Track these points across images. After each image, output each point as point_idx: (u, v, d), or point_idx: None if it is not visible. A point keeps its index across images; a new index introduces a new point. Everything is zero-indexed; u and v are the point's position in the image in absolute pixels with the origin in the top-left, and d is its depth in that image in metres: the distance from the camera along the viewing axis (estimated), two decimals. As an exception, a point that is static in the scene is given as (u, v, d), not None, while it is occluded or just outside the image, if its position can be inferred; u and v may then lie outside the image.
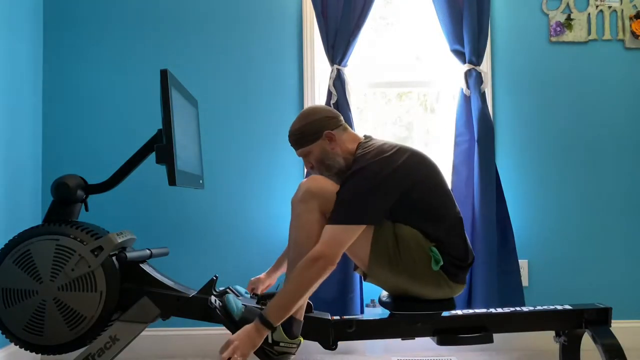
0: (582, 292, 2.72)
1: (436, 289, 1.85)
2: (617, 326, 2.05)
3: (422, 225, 1.84)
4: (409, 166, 1.84)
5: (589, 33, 2.81)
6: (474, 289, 2.57)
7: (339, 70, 2.69)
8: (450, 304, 1.89)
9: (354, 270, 2.04)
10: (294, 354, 1.81)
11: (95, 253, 1.80)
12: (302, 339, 1.84)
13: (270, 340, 1.78)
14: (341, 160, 1.93)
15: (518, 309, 2.01)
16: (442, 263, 1.81)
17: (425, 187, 1.85)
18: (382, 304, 1.98)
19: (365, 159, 1.84)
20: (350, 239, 1.78)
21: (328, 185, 1.84)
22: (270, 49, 2.81)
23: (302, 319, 1.85)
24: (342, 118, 1.99)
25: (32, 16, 2.69)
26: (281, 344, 1.78)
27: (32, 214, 2.65)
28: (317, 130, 1.92)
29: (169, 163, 1.81)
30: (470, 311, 1.98)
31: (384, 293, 2.00)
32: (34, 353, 1.86)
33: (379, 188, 1.79)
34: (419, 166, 1.87)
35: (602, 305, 1.97)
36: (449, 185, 2.70)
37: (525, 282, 2.69)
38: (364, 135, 2.01)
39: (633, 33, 2.79)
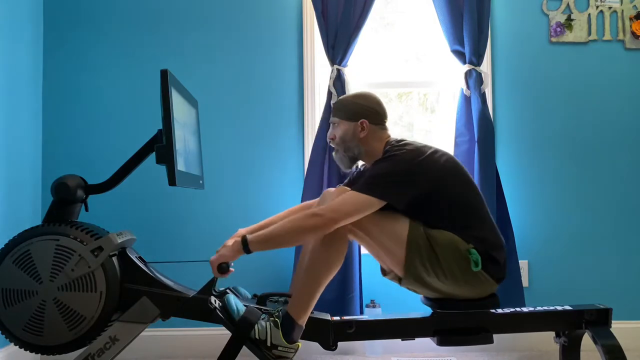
0: (582, 292, 2.72)
1: (476, 288, 1.86)
2: (617, 327, 2.04)
3: (465, 222, 1.86)
4: (442, 162, 1.89)
5: (589, 33, 2.81)
6: (474, 290, 2.57)
7: (339, 70, 2.69)
8: (495, 301, 1.92)
9: (383, 275, 2.04)
10: (291, 359, 1.81)
11: (95, 253, 1.80)
12: (300, 344, 1.83)
13: (268, 344, 1.78)
14: (361, 149, 2.00)
15: (518, 309, 2.01)
16: (480, 265, 1.81)
17: (464, 184, 1.90)
18: (425, 303, 1.99)
19: (399, 147, 1.90)
20: (359, 210, 1.80)
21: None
22: (270, 49, 2.80)
23: (304, 325, 1.84)
24: (386, 120, 2.05)
25: (32, 16, 2.69)
26: (279, 348, 1.78)
27: (32, 214, 2.65)
28: (357, 113, 1.99)
29: (169, 163, 1.81)
30: (470, 311, 1.98)
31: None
32: (33, 353, 1.86)
33: (407, 174, 1.83)
34: (455, 165, 1.92)
35: (602, 306, 1.97)
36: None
37: (525, 282, 2.69)
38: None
39: (633, 33, 2.79)
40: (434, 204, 1.86)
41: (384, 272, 2.01)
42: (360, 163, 2.17)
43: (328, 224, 1.78)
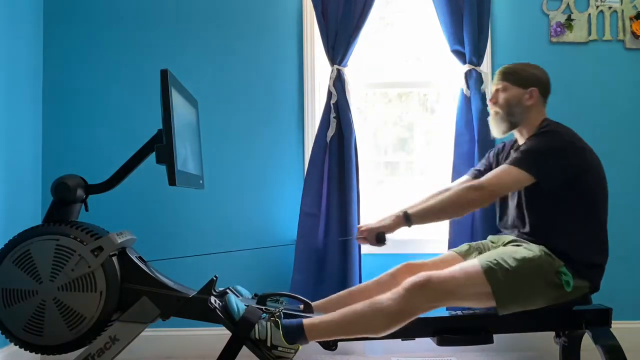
0: (582, 292, 2.71)
1: (571, 295, 1.87)
2: (617, 327, 2.04)
3: (582, 216, 1.90)
4: (590, 151, 1.97)
5: (590, 33, 2.81)
6: (474, 290, 2.57)
7: (339, 71, 2.69)
8: (586, 300, 1.93)
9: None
10: (291, 359, 1.81)
11: (95, 253, 1.80)
12: (300, 345, 1.83)
13: (269, 344, 1.77)
14: (524, 116, 2.04)
15: (518, 309, 2.01)
16: (572, 285, 1.82)
17: (600, 178, 1.95)
18: None
19: (559, 125, 1.96)
20: (513, 184, 1.89)
21: (435, 285, 1.81)
22: (270, 49, 2.80)
23: (310, 342, 1.84)
24: (547, 98, 2.10)
25: (32, 15, 2.69)
26: (279, 349, 1.78)
27: (32, 214, 2.65)
28: (530, 81, 2.04)
29: (169, 163, 1.81)
30: (470, 312, 1.98)
31: None
32: (33, 353, 1.86)
33: (564, 155, 1.88)
34: (597, 159, 1.98)
35: (602, 306, 1.96)
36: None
37: (525, 282, 2.69)
38: None
39: (633, 33, 2.79)
40: (578, 189, 1.89)
41: None
42: (493, 151, 2.25)
43: (488, 198, 1.88)
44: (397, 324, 1.80)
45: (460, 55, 2.71)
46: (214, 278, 1.92)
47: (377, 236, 1.95)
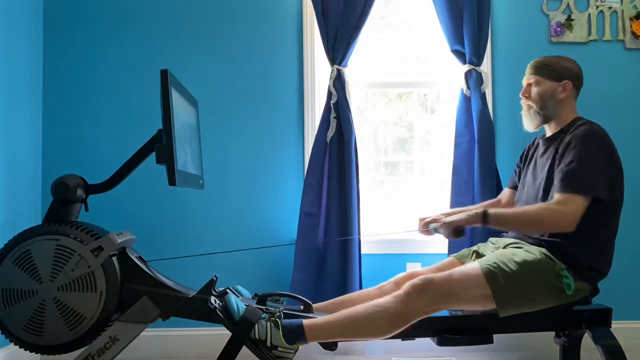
0: (582, 292, 2.71)
1: (572, 297, 1.87)
2: (617, 327, 2.04)
3: (603, 218, 1.91)
4: (619, 160, 1.96)
5: (590, 33, 2.81)
6: (474, 290, 2.57)
7: (339, 71, 2.69)
8: (585, 302, 1.93)
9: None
10: (290, 359, 1.81)
11: (95, 253, 1.80)
12: (300, 345, 1.83)
13: (268, 344, 1.77)
14: (557, 110, 2.02)
15: (518, 309, 2.01)
16: (573, 288, 1.82)
17: (622, 188, 1.98)
18: None
19: (597, 128, 1.93)
20: (583, 209, 1.83)
21: (437, 287, 1.81)
22: (270, 49, 2.80)
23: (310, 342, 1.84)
24: (580, 91, 2.08)
25: (32, 16, 2.69)
26: (279, 349, 1.78)
27: (32, 214, 2.65)
28: (563, 74, 2.02)
29: (169, 163, 1.81)
30: (470, 312, 1.98)
31: None
32: (33, 353, 1.86)
33: (610, 164, 1.89)
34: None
35: (602, 306, 1.96)
36: (449, 185, 2.70)
37: (525, 282, 2.69)
38: None
39: (633, 33, 2.79)
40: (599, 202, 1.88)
41: None
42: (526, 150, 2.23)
43: (570, 226, 1.82)
44: (398, 327, 1.80)
45: (460, 55, 2.71)
46: (214, 278, 1.92)
47: (456, 229, 1.93)
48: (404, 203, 2.90)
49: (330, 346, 1.92)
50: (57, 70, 2.78)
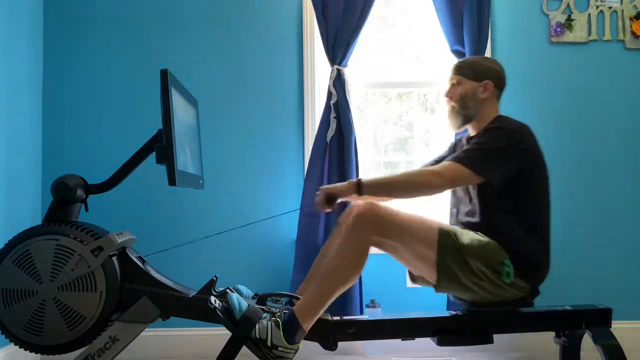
0: (582, 292, 2.72)
1: (509, 292, 1.88)
2: (618, 327, 2.04)
3: (524, 214, 1.89)
4: (537, 154, 1.93)
5: (590, 33, 2.81)
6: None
7: (339, 70, 2.69)
8: (526, 302, 1.93)
9: (412, 281, 2.06)
10: (291, 359, 1.81)
11: (95, 253, 1.80)
12: (300, 345, 1.83)
13: (269, 344, 1.77)
14: (478, 110, 2.02)
15: (518, 309, 2.01)
16: (511, 277, 1.83)
17: (544, 177, 1.94)
18: (456, 301, 2.02)
19: (509, 122, 1.94)
20: (464, 183, 1.88)
21: (382, 212, 1.84)
22: (271, 49, 2.80)
23: (308, 329, 1.84)
24: (502, 92, 2.10)
25: (32, 16, 2.69)
26: (279, 348, 1.78)
27: (32, 214, 2.65)
28: (484, 74, 2.03)
29: (169, 163, 1.81)
30: (470, 312, 1.98)
31: None
32: (33, 353, 1.86)
33: (511, 152, 1.86)
34: (544, 158, 1.96)
35: (602, 306, 1.96)
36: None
37: (525, 282, 2.69)
38: None
39: (633, 33, 2.79)
40: (519, 188, 1.89)
41: (413, 279, 2.03)
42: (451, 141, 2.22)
43: (444, 186, 1.84)
44: (362, 257, 1.83)
45: (460, 55, 2.71)
46: (214, 278, 1.92)
47: (327, 196, 1.91)
48: (404, 203, 2.90)
49: (330, 346, 1.92)
50: (57, 70, 2.78)
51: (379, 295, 2.67)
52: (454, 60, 2.73)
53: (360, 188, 1.89)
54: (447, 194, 2.71)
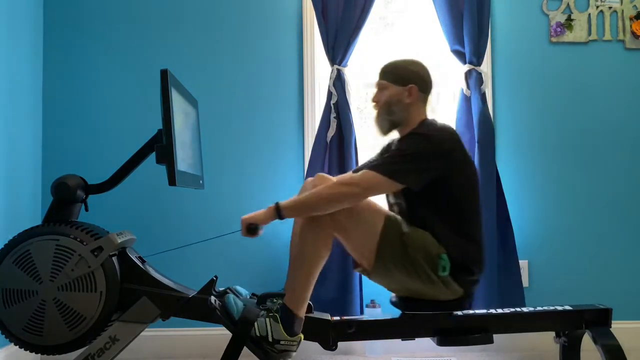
0: (582, 292, 2.72)
1: (442, 291, 1.86)
2: (618, 327, 2.04)
3: (450, 217, 1.87)
4: (467, 154, 1.92)
5: (590, 33, 2.81)
6: (474, 290, 2.57)
7: (339, 70, 2.69)
8: (459, 304, 1.90)
9: (354, 268, 2.04)
10: (294, 352, 1.82)
11: (95, 253, 1.80)
12: (302, 336, 1.84)
13: (270, 339, 1.78)
14: (404, 115, 1.98)
15: (518, 309, 2.01)
16: (448, 272, 1.82)
17: (474, 187, 1.91)
18: (393, 304, 1.99)
19: (431, 127, 1.90)
20: (382, 190, 1.87)
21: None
22: (271, 48, 2.80)
23: (303, 317, 1.85)
24: (431, 95, 2.05)
25: (32, 16, 2.69)
26: (281, 342, 1.79)
27: (32, 214, 2.65)
28: (407, 79, 1.98)
29: (169, 163, 1.81)
30: (471, 312, 1.98)
31: (394, 294, 2.01)
32: (33, 353, 1.86)
33: (430, 157, 1.84)
34: (470, 160, 1.94)
35: (602, 306, 1.96)
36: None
37: (525, 282, 2.69)
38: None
39: (633, 33, 2.79)
40: (443, 192, 1.87)
41: (355, 265, 2.01)
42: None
43: (359, 195, 1.82)
44: (325, 238, 1.86)
45: (460, 55, 2.71)
46: (214, 278, 1.92)
47: (248, 227, 1.89)
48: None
49: (330, 346, 1.93)
50: (57, 70, 2.78)
51: (379, 295, 2.67)
52: (454, 60, 2.74)
53: (280, 212, 1.85)
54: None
